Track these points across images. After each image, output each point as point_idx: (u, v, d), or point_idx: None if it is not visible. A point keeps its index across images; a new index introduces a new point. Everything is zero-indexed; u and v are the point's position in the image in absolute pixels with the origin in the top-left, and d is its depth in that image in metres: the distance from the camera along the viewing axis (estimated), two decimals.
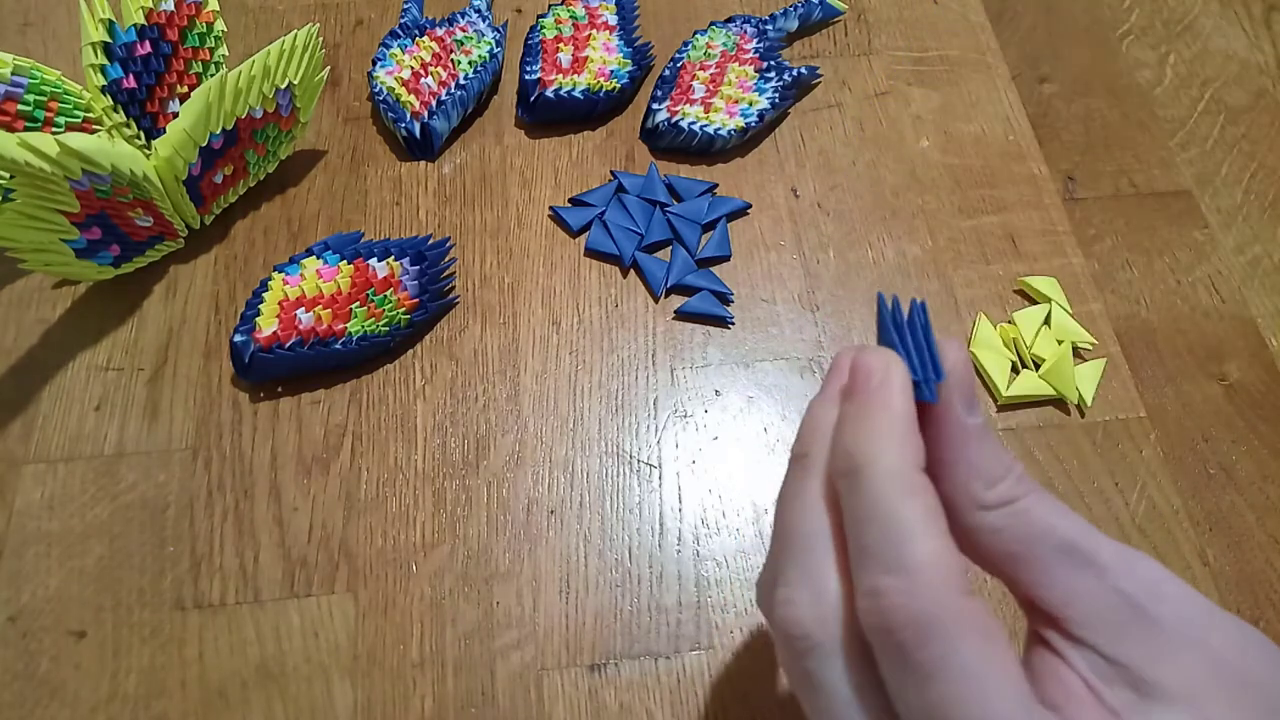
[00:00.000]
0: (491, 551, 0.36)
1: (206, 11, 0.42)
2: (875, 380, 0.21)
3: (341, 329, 0.38)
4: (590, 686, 0.33)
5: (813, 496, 0.22)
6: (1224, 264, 0.42)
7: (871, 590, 0.19)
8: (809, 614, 0.21)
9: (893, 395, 0.21)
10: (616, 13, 0.48)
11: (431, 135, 0.45)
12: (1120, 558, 0.21)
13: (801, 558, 0.21)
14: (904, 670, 0.19)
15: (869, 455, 0.20)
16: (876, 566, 0.20)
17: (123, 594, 0.35)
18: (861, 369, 0.22)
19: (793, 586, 0.21)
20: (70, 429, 0.38)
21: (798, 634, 0.21)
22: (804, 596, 0.21)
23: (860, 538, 0.20)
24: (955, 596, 0.19)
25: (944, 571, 0.19)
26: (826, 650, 0.20)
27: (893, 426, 0.21)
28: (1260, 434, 0.38)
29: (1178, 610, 0.20)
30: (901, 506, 0.20)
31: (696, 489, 0.37)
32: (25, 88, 0.38)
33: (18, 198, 0.35)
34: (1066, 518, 0.22)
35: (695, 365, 0.40)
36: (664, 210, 0.43)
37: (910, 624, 0.19)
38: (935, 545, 0.19)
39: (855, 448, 0.21)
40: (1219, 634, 0.20)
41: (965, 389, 0.22)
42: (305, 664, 0.34)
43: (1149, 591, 0.20)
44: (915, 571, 0.19)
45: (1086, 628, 0.20)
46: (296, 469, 0.37)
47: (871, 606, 0.19)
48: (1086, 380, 0.39)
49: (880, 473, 0.20)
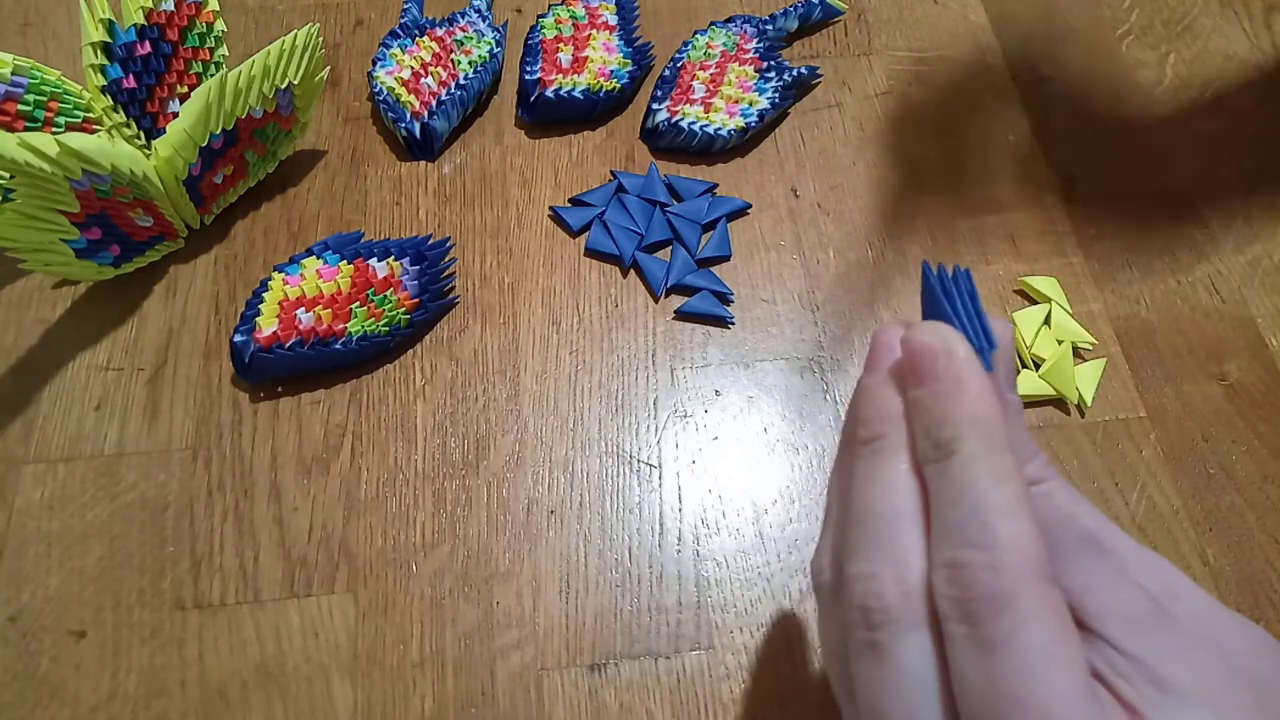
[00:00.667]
0: (491, 551, 0.36)
1: (206, 11, 0.42)
2: (942, 362, 0.21)
3: (341, 329, 0.38)
4: (590, 686, 0.33)
5: (891, 476, 0.22)
6: (1224, 264, 0.42)
7: (952, 562, 0.20)
8: (892, 589, 0.21)
9: (969, 375, 0.21)
10: (616, 13, 0.48)
11: (431, 135, 0.45)
12: (1139, 555, 0.21)
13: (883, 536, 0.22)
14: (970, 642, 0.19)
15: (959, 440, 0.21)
16: (961, 540, 0.20)
17: (123, 594, 0.35)
18: (924, 351, 0.22)
19: (873, 562, 0.21)
20: (70, 429, 0.38)
21: (877, 606, 0.21)
22: (887, 572, 0.21)
23: (947, 517, 0.20)
24: (1035, 578, 0.19)
25: (1029, 552, 0.19)
26: (905, 625, 0.21)
27: (979, 409, 0.21)
28: (1260, 434, 0.38)
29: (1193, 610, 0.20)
30: (993, 488, 0.20)
31: (696, 489, 0.37)
32: (25, 88, 0.38)
33: (18, 198, 0.35)
34: (1088, 509, 0.22)
35: (695, 365, 0.40)
36: (664, 210, 0.43)
37: (987, 596, 0.19)
38: (1024, 527, 0.20)
39: (944, 434, 0.21)
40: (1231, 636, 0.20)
41: (1009, 364, 0.22)
42: (305, 664, 0.34)
43: (1166, 590, 0.20)
44: (1000, 548, 0.19)
45: (1103, 619, 0.20)
46: (296, 469, 0.37)
47: (951, 577, 0.20)
48: (1086, 380, 0.39)
49: (972, 457, 0.20)
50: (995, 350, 0.22)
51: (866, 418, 0.23)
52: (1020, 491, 0.20)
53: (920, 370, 0.22)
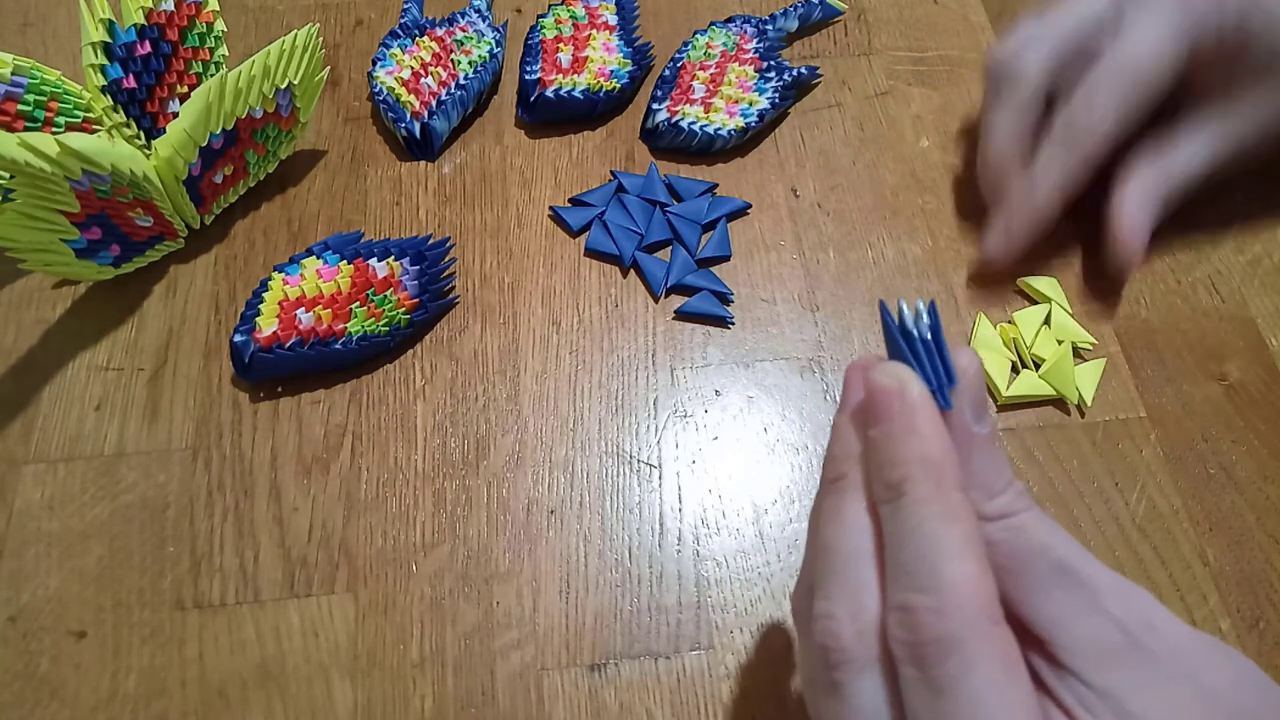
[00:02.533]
0: (491, 551, 0.36)
1: (206, 11, 0.42)
2: (898, 402, 0.22)
3: (341, 329, 0.38)
4: (590, 686, 0.33)
5: (850, 516, 0.22)
6: (1224, 264, 0.42)
7: (902, 605, 0.20)
8: (848, 629, 0.21)
9: (920, 418, 0.21)
10: (616, 13, 0.48)
11: (431, 135, 0.45)
12: (1114, 586, 0.21)
13: (841, 575, 0.22)
14: (921, 684, 0.19)
15: (908, 481, 0.21)
16: (910, 584, 0.20)
17: (123, 594, 0.35)
18: (879, 390, 0.22)
19: (832, 601, 0.22)
20: (70, 429, 0.38)
21: (834, 646, 0.21)
22: (842, 611, 0.21)
23: (898, 558, 0.21)
24: (983, 621, 0.19)
25: (976, 595, 0.20)
26: (860, 664, 0.21)
27: (929, 450, 0.21)
28: (1260, 434, 0.38)
29: (1169, 642, 0.20)
30: (941, 530, 0.20)
31: (696, 489, 0.37)
32: (25, 88, 0.38)
33: (18, 198, 0.35)
34: (1063, 539, 0.22)
35: (695, 365, 0.40)
36: (664, 210, 0.43)
37: (935, 640, 0.19)
38: (971, 569, 0.20)
39: (894, 475, 0.21)
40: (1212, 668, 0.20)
41: (975, 396, 0.22)
42: (305, 664, 0.34)
43: (1140, 621, 0.20)
44: (947, 591, 0.19)
45: (1073, 653, 0.20)
46: (296, 469, 0.37)
47: (901, 620, 0.20)
48: (1086, 380, 0.39)
49: (920, 498, 0.21)
50: (955, 386, 0.22)
51: (831, 455, 0.24)
52: (969, 531, 0.20)
53: (875, 411, 0.22)
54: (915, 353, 0.22)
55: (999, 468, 0.22)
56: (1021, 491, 0.22)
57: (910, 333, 0.22)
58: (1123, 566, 0.35)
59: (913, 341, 0.22)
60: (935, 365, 0.22)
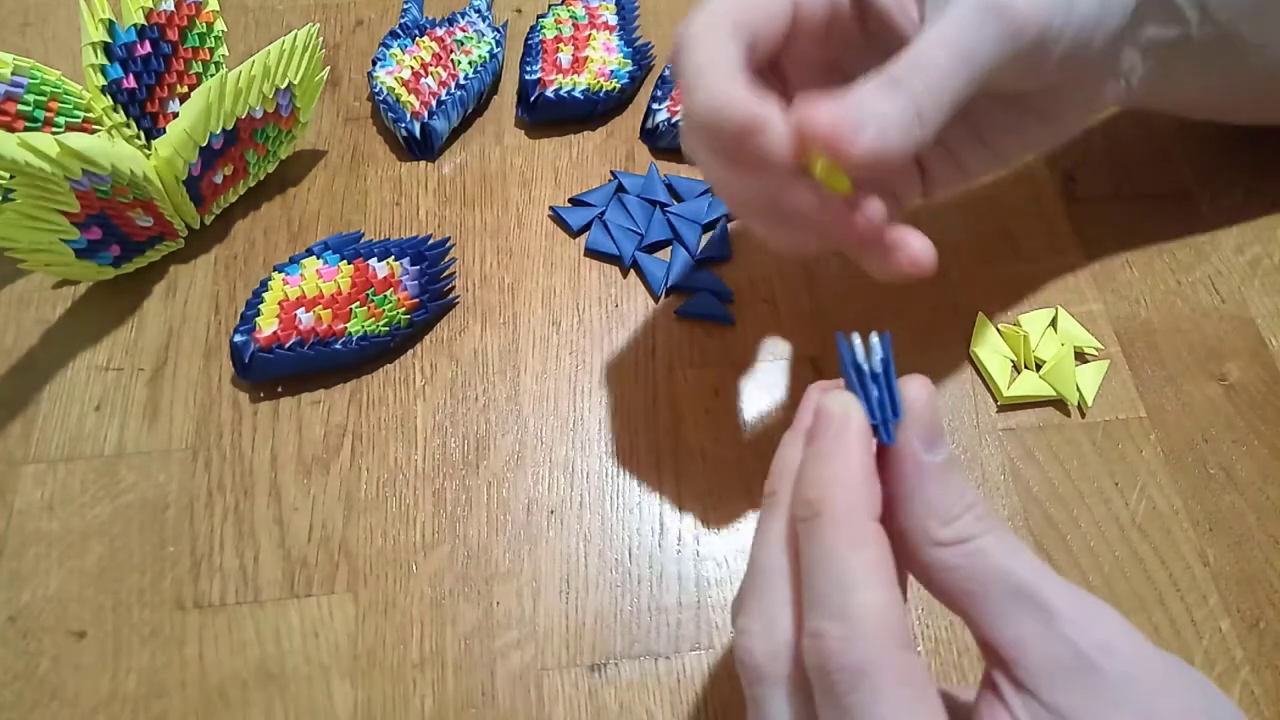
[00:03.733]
0: (491, 551, 0.36)
1: (206, 11, 0.42)
2: (834, 427, 0.22)
3: (341, 329, 0.38)
4: (590, 686, 0.33)
5: (776, 535, 0.23)
6: (1224, 264, 0.42)
7: (814, 632, 0.20)
8: (760, 646, 0.22)
9: (849, 443, 0.22)
10: (616, 13, 0.48)
11: (431, 135, 0.45)
12: (1075, 607, 0.21)
13: (760, 592, 0.23)
14: (832, 709, 0.20)
15: (823, 502, 0.21)
16: (822, 611, 0.21)
17: (123, 594, 0.35)
18: (822, 414, 0.23)
19: (750, 618, 0.22)
20: (70, 429, 0.38)
21: (748, 663, 0.22)
22: (757, 629, 0.22)
23: (810, 581, 0.21)
24: (890, 649, 0.20)
25: (883, 623, 0.20)
26: (772, 681, 0.22)
27: (848, 475, 0.22)
28: (1260, 434, 0.38)
29: (1126, 667, 0.20)
30: (850, 555, 0.21)
31: (696, 489, 0.37)
32: (25, 88, 0.38)
33: (18, 198, 0.35)
34: (1023, 560, 0.22)
35: (695, 365, 0.40)
36: (664, 210, 0.43)
37: (843, 669, 0.20)
38: (877, 597, 0.20)
39: (811, 494, 0.22)
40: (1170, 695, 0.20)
41: (924, 427, 0.23)
42: (305, 664, 0.34)
43: (1098, 644, 0.20)
44: (855, 620, 0.20)
45: (1030, 674, 0.21)
46: (296, 469, 0.37)
47: (812, 647, 0.20)
48: (1088, 381, 0.39)
49: (832, 520, 0.21)
50: (900, 420, 0.22)
51: (771, 472, 0.24)
52: (878, 557, 0.21)
53: (815, 429, 0.23)
54: (865, 386, 0.23)
55: (956, 493, 0.22)
56: (981, 515, 0.22)
57: (860, 367, 0.23)
58: (1123, 566, 0.35)
59: (863, 376, 0.23)
60: (884, 399, 0.23)
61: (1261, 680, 0.33)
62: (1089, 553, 0.36)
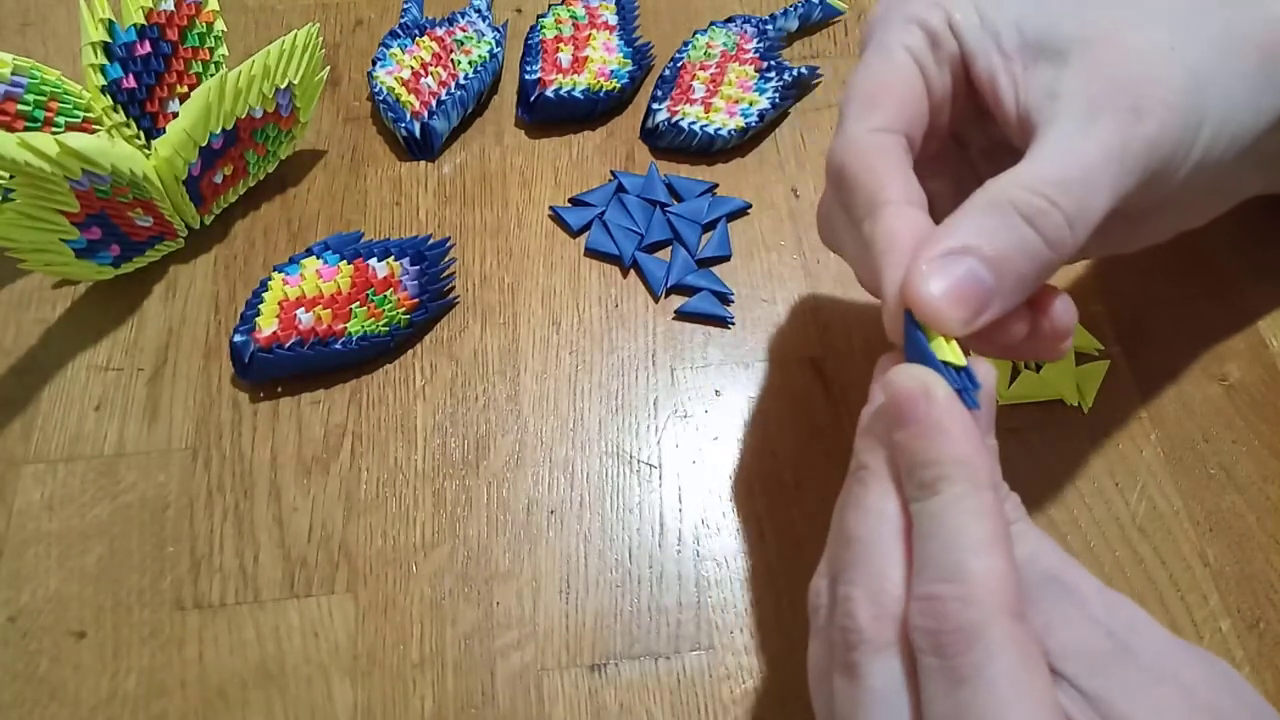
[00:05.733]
0: (491, 551, 0.36)
1: (206, 11, 0.42)
2: (921, 406, 0.22)
3: (341, 329, 0.38)
4: (590, 687, 0.33)
5: (873, 505, 0.23)
6: (1224, 264, 0.42)
7: (928, 595, 0.20)
8: (864, 611, 0.22)
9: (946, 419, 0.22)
10: (616, 13, 0.48)
11: (431, 135, 0.45)
12: (1101, 594, 0.22)
13: (862, 561, 0.22)
14: (941, 673, 0.20)
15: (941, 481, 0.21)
16: (937, 575, 0.20)
17: (123, 594, 0.35)
18: (903, 396, 0.22)
19: (853, 585, 0.22)
20: (70, 429, 0.38)
21: (852, 627, 0.22)
22: (862, 594, 0.22)
23: (925, 550, 0.21)
24: (1006, 615, 0.20)
25: (1001, 588, 0.20)
26: (876, 647, 0.21)
27: (959, 451, 0.22)
28: (1260, 434, 0.38)
29: (1152, 645, 0.21)
30: (970, 525, 0.21)
31: (697, 489, 0.37)
32: (25, 88, 0.38)
33: (18, 198, 0.35)
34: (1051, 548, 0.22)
35: (695, 365, 0.40)
36: (664, 210, 0.43)
37: (958, 629, 0.20)
38: (998, 563, 0.20)
39: (926, 476, 0.22)
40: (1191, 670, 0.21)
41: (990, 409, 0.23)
42: (305, 664, 0.34)
43: (1126, 626, 0.21)
44: (973, 582, 0.20)
45: (1064, 658, 0.21)
46: (296, 469, 0.37)
47: (925, 609, 0.20)
48: (1088, 381, 0.39)
49: (954, 497, 0.21)
50: (980, 390, 0.22)
51: (857, 448, 0.24)
52: (999, 529, 0.21)
53: (902, 414, 0.22)
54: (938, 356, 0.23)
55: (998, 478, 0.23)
56: (1018, 504, 0.23)
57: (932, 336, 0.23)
58: (1123, 566, 0.35)
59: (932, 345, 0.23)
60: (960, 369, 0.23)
61: (1261, 680, 0.33)
62: (1089, 553, 0.36)
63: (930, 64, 0.27)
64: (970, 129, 0.30)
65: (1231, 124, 0.26)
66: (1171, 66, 0.25)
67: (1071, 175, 0.23)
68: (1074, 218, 0.23)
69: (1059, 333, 0.26)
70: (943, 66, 0.27)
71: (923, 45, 0.27)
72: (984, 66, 0.26)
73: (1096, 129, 0.24)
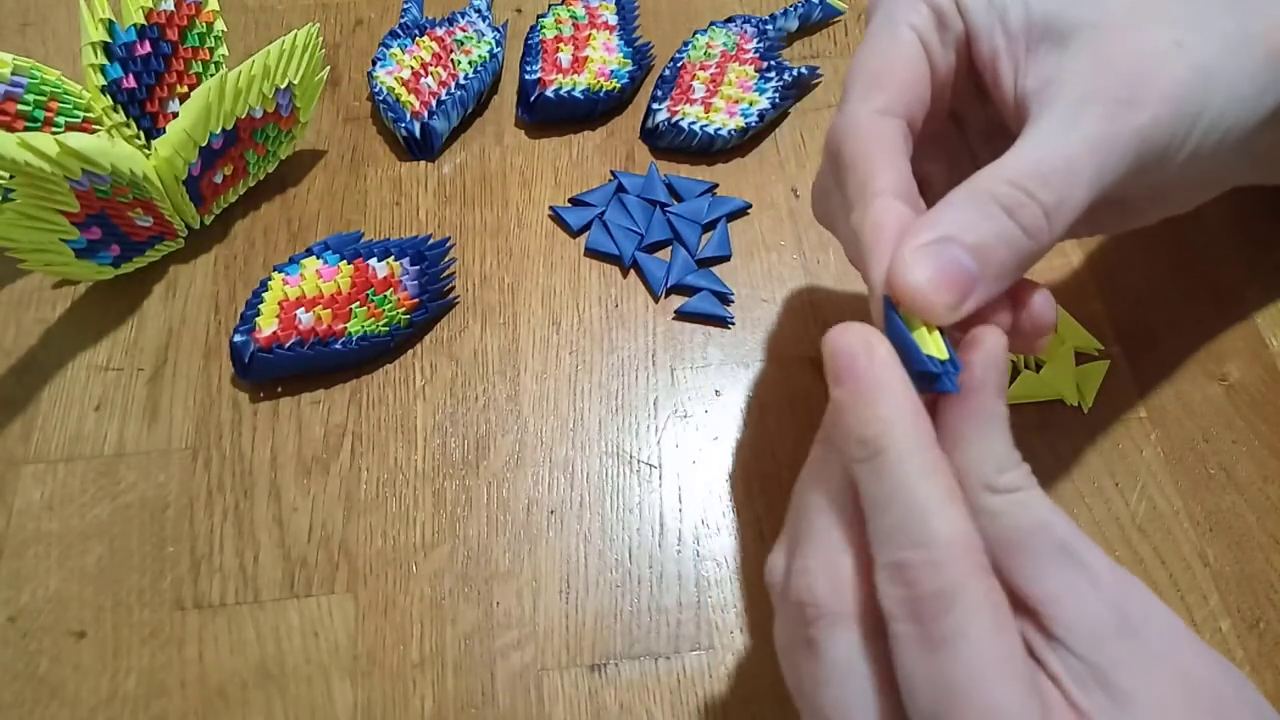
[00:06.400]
0: (491, 551, 0.36)
1: (206, 11, 0.42)
2: (861, 362, 0.22)
3: (341, 329, 0.38)
4: (590, 687, 0.33)
5: (827, 478, 0.23)
6: (1224, 264, 0.42)
7: (895, 563, 0.20)
8: (822, 584, 0.21)
9: (887, 374, 0.21)
10: (616, 13, 0.48)
11: (431, 135, 0.45)
12: (1115, 572, 0.21)
13: (816, 533, 0.22)
14: (917, 640, 0.19)
15: (884, 438, 0.21)
16: (900, 542, 0.20)
17: (123, 594, 0.35)
18: (842, 352, 0.22)
19: (808, 559, 0.22)
20: (70, 429, 0.38)
21: (809, 601, 0.21)
22: (816, 566, 0.22)
23: (880, 519, 0.21)
24: (977, 573, 0.19)
25: (967, 547, 0.20)
26: (835, 619, 0.21)
27: (899, 408, 0.21)
28: (1260, 434, 0.38)
29: (1161, 631, 0.20)
30: (921, 485, 0.20)
31: (696, 489, 0.37)
32: (25, 88, 0.38)
33: (18, 198, 0.35)
34: (1065, 521, 0.22)
35: (695, 365, 0.40)
36: (664, 210, 0.43)
37: (934, 594, 0.19)
38: (957, 522, 0.20)
39: (865, 432, 0.21)
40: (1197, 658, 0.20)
41: (1000, 374, 0.22)
42: (305, 664, 0.34)
43: (1138, 608, 0.21)
44: (941, 545, 0.19)
45: (1068, 628, 0.20)
46: (296, 469, 0.37)
47: (895, 577, 0.20)
48: (1088, 381, 0.39)
49: (896, 456, 0.20)
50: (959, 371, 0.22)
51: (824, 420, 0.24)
52: (950, 484, 0.20)
53: (839, 370, 0.22)
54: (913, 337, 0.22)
55: (1010, 444, 0.22)
56: (1029, 472, 0.22)
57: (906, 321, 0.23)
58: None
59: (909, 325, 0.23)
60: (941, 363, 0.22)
61: (1262, 680, 0.33)
62: None
63: (936, 45, 0.27)
64: (969, 108, 0.30)
65: (1229, 118, 0.26)
66: (1175, 59, 0.25)
67: (1053, 167, 0.23)
68: (1052, 210, 0.23)
69: (1038, 328, 0.26)
70: (948, 48, 0.27)
71: (929, 25, 0.27)
72: (987, 47, 0.26)
73: (1083, 120, 0.24)
